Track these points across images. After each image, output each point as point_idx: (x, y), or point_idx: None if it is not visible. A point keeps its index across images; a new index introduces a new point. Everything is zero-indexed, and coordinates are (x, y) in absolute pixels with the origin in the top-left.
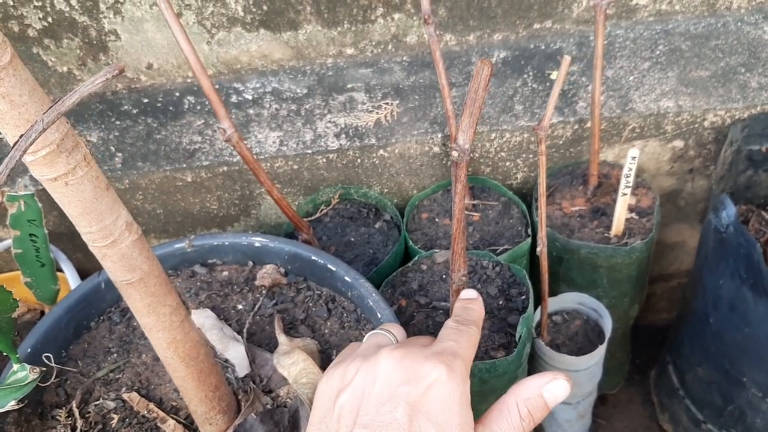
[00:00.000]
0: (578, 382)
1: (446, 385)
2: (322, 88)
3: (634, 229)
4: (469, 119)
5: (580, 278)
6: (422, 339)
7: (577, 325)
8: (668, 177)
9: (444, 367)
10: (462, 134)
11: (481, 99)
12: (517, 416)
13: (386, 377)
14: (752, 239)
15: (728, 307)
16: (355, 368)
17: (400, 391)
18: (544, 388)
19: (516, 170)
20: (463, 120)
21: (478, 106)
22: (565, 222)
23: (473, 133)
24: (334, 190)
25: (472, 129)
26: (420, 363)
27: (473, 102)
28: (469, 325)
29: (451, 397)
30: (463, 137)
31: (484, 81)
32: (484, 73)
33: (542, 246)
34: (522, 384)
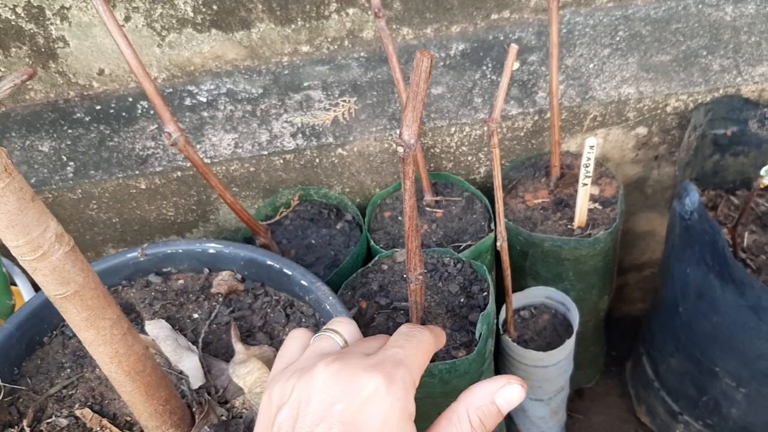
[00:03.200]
0: (548, 377)
1: (384, 399)
2: (278, 87)
3: (598, 219)
4: (412, 113)
5: (546, 272)
6: (371, 343)
7: (545, 320)
8: (634, 165)
9: (382, 378)
10: (406, 129)
11: (423, 92)
12: (467, 425)
13: (321, 395)
14: (717, 225)
15: (696, 296)
16: (292, 384)
17: (335, 410)
18: (497, 394)
19: (478, 164)
20: (406, 114)
21: (420, 99)
22: (528, 215)
23: (418, 128)
24: (293, 192)
25: (416, 123)
26: (357, 376)
27: (415, 95)
28: (422, 330)
29: (390, 412)
30: (407, 132)
31: (424, 73)
32: (424, 65)
33: (501, 241)
34: (473, 390)
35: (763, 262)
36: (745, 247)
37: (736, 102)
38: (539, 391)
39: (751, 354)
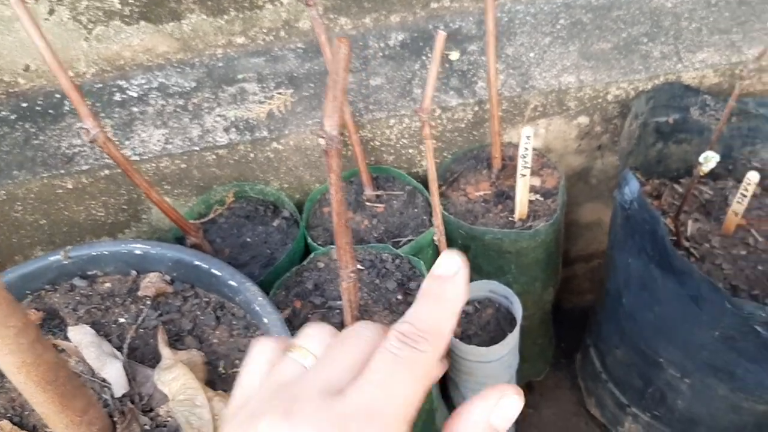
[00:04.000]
0: (493, 373)
1: None
2: (211, 80)
3: (539, 211)
4: (333, 103)
5: (488, 265)
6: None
7: (489, 314)
8: (577, 155)
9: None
10: (328, 120)
11: (342, 80)
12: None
13: None
14: (656, 214)
15: (639, 286)
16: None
17: None
18: (492, 414)
19: (420, 157)
20: (327, 105)
21: (340, 89)
22: (469, 208)
23: (339, 118)
24: (227, 189)
25: (337, 114)
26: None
27: (335, 84)
28: (419, 343)
29: None
30: (329, 123)
31: (343, 61)
32: (342, 52)
33: (439, 235)
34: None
35: (707, 251)
36: (689, 236)
37: (677, 89)
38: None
39: (693, 344)
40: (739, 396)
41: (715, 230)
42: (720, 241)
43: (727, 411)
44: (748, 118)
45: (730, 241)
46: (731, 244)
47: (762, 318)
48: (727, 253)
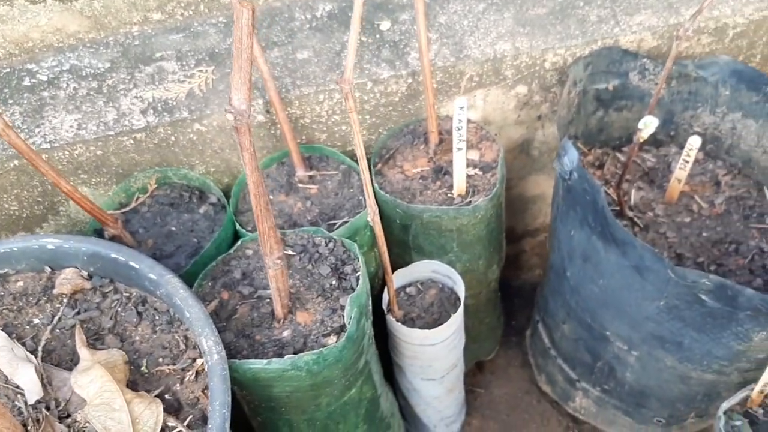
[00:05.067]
0: (438, 355)
1: None
2: (127, 60)
3: (478, 186)
4: (239, 75)
5: (429, 245)
6: None
7: (432, 295)
8: (517, 127)
9: None
10: (235, 93)
11: (248, 48)
12: None
13: None
14: (596, 184)
15: (582, 259)
16: None
17: None
18: None
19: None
20: (233, 76)
21: (246, 58)
22: (407, 185)
23: (249, 91)
24: (149, 175)
25: (246, 86)
26: None
27: (240, 53)
28: None
29: None
30: (237, 96)
31: (246, 27)
32: (245, 17)
33: (372, 215)
34: None
35: (650, 220)
36: (632, 205)
37: (616, 54)
38: (430, 370)
39: (638, 316)
40: (687, 366)
41: (659, 198)
42: (664, 209)
43: (676, 382)
44: (688, 82)
45: (674, 209)
46: (675, 211)
47: (706, 286)
48: (671, 221)
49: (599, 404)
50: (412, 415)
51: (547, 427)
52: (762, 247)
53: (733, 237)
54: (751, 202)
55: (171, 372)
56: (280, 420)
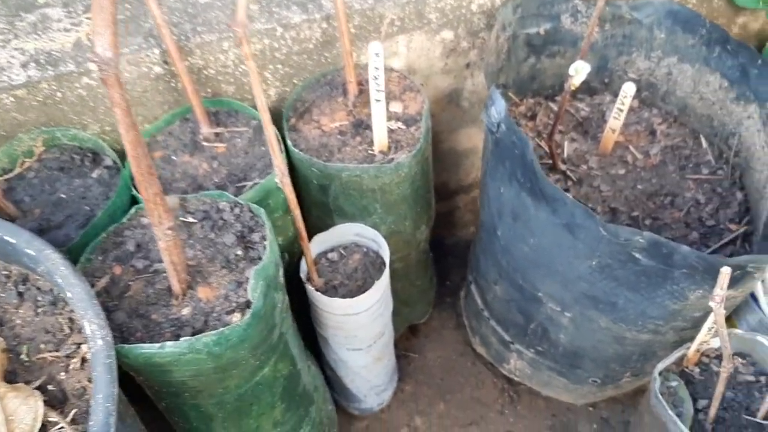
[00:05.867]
0: (362, 324)
1: None
2: (7, 8)
3: (402, 141)
4: (101, 16)
5: (351, 206)
6: None
7: (356, 260)
8: (444, 75)
9: None
10: (98, 39)
11: None
12: None
13: None
14: (524, 137)
15: (512, 217)
16: None
17: None
18: None
19: (267, 86)
20: (94, 18)
21: None
22: (324, 142)
23: (114, 36)
24: (34, 136)
25: (110, 30)
26: None
27: None
28: None
29: None
30: (101, 43)
31: None
32: None
33: (280, 176)
34: None
35: (584, 173)
36: (566, 158)
37: None
38: (355, 340)
39: (570, 275)
40: (621, 327)
41: (593, 150)
42: (598, 161)
43: (611, 342)
44: (622, 24)
45: (608, 161)
46: (609, 163)
47: (640, 244)
48: (605, 173)
49: (534, 366)
50: (340, 386)
51: (482, 389)
52: (698, 198)
53: (668, 189)
54: (687, 152)
55: (54, 359)
56: (185, 405)
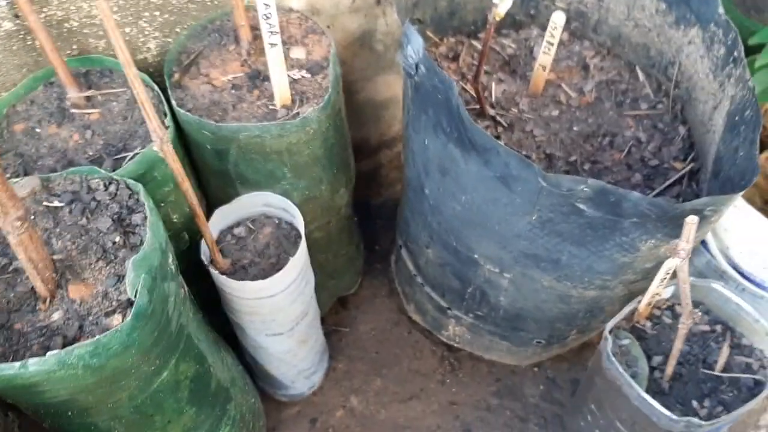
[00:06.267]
0: (280, 306)
1: None
2: None
3: (307, 92)
4: None
5: (255, 173)
6: None
7: (267, 234)
8: (353, 15)
9: None
10: None
11: None
12: None
13: None
14: (448, 79)
15: (440, 173)
16: None
17: None
18: None
19: (144, 38)
20: None
21: None
22: (215, 99)
23: None
24: None
25: None
26: None
27: None
28: None
29: None
30: None
31: None
32: None
33: (159, 143)
34: None
35: (515, 117)
36: (494, 101)
37: None
38: (274, 324)
39: (508, 234)
40: (566, 285)
41: (523, 91)
42: (529, 102)
43: (555, 302)
44: None
45: (540, 102)
46: (542, 104)
47: (584, 193)
48: (538, 116)
49: (473, 331)
50: (264, 374)
51: (420, 359)
52: (638, 136)
53: (606, 128)
54: (624, 86)
55: None
56: (71, 425)
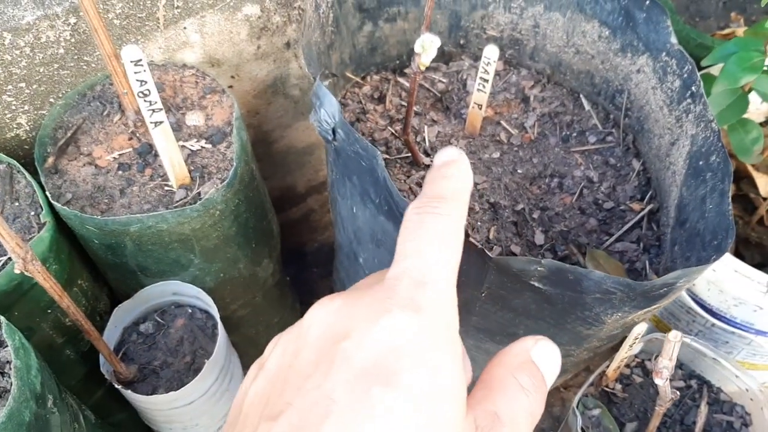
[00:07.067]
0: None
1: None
2: None
3: (209, 165)
4: None
5: (157, 264)
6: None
7: (179, 328)
8: (260, 62)
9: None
10: None
11: None
12: (518, 388)
13: (314, 340)
14: (371, 148)
15: (373, 243)
16: (271, 347)
17: (335, 352)
18: (532, 351)
19: (12, 113)
20: None
21: None
22: (100, 184)
23: None
24: None
25: None
26: (363, 311)
27: None
28: (437, 206)
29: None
30: None
31: None
32: None
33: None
34: (503, 353)
35: None
36: (428, 147)
37: None
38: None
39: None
40: None
41: (459, 131)
42: (467, 145)
43: None
44: None
45: (479, 143)
46: (481, 146)
47: (539, 273)
48: (477, 160)
49: None
50: None
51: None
52: (589, 176)
53: (553, 168)
54: (568, 118)
55: None
56: None
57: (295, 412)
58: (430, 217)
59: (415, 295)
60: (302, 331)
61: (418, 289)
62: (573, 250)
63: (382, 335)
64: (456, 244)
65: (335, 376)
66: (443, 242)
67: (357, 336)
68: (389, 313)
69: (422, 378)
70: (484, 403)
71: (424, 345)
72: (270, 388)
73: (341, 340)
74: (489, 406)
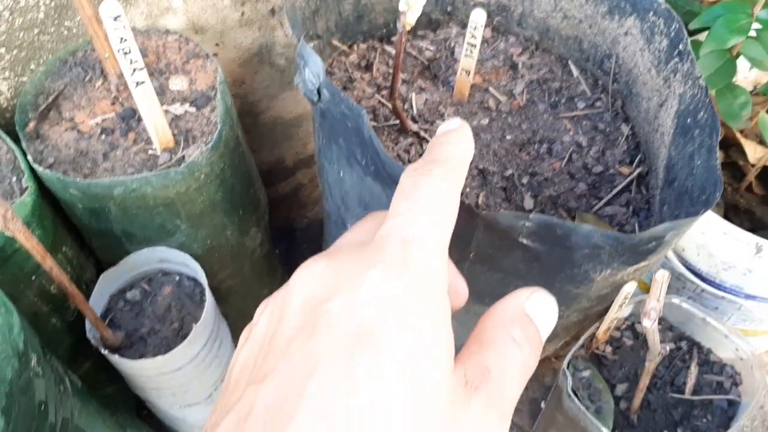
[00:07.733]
0: (192, 376)
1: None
2: None
3: (193, 129)
4: None
5: (142, 229)
6: (363, 225)
7: (167, 295)
8: (245, 29)
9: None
10: None
11: None
12: (509, 341)
13: (298, 305)
14: (356, 107)
15: (361, 207)
16: (260, 312)
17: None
18: (526, 304)
19: None
20: None
21: None
22: (83, 148)
23: None
24: None
25: None
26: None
27: None
28: (432, 169)
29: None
30: None
31: None
32: None
33: (3, 223)
34: (495, 308)
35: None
36: (416, 114)
37: None
38: (188, 395)
39: None
40: None
41: (447, 98)
42: (455, 112)
43: None
44: None
45: (467, 110)
46: (469, 113)
47: (527, 229)
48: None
49: None
50: None
51: None
52: (578, 141)
53: (542, 134)
54: (557, 84)
55: None
56: None
57: (280, 374)
58: (425, 179)
59: (402, 252)
60: (287, 295)
61: (406, 245)
62: (562, 215)
63: (366, 296)
64: (450, 209)
65: (319, 338)
66: (437, 204)
67: (341, 298)
68: (374, 270)
69: (407, 340)
70: (475, 357)
71: (411, 305)
72: (258, 352)
73: (325, 302)
74: (479, 359)
